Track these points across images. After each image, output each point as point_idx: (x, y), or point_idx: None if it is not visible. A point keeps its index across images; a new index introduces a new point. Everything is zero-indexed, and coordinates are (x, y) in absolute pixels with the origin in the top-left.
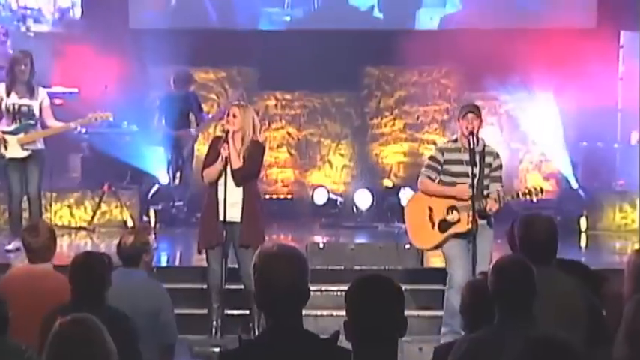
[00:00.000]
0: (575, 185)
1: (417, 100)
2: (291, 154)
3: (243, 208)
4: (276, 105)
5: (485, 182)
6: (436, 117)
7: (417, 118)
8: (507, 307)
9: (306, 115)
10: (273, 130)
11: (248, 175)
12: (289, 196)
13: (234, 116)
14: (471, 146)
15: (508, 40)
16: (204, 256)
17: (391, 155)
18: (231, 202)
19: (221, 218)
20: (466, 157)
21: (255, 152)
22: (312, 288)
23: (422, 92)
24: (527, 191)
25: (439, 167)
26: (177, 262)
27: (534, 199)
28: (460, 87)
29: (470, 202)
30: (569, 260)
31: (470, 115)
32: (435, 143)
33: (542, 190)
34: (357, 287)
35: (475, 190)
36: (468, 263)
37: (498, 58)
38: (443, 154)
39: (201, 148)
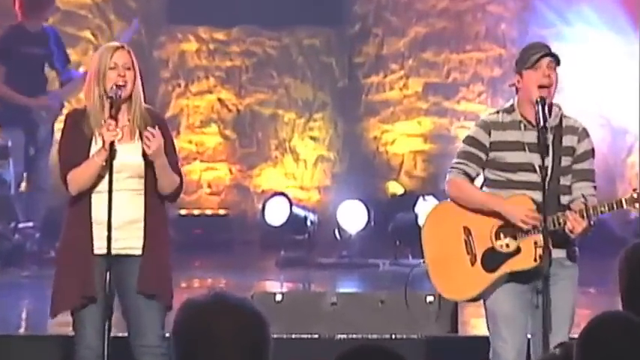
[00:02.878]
0: None
1: (446, 41)
2: (225, 138)
3: (146, 233)
4: (198, 51)
5: (565, 181)
6: (480, 71)
7: (447, 74)
8: None
9: (251, 69)
10: (193, 95)
11: (174, 184)
12: (223, 212)
13: (125, 71)
14: (541, 119)
15: None
16: (69, 318)
17: (401, 140)
18: (122, 223)
19: (101, 251)
20: (531, 137)
21: (167, 137)
22: None
23: (455, 28)
24: (637, 196)
25: (483, 156)
26: (21, 330)
27: None
28: (521, 18)
29: (534, 224)
30: None
31: (544, 62)
32: (478, 118)
33: None
34: None
35: (547, 195)
36: (533, 330)
37: None
38: (490, 133)
39: None
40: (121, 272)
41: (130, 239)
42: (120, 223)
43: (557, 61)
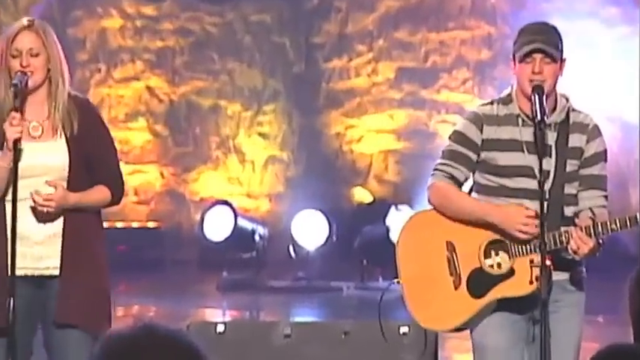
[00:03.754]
0: None
1: (424, 18)
2: (155, 135)
3: (66, 249)
4: (122, 29)
5: (570, 189)
6: (465, 54)
7: (425, 58)
8: None
9: (187, 50)
10: (116, 82)
11: (118, 189)
12: (152, 225)
13: (28, 58)
14: (539, 113)
15: None
16: None
17: (369, 137)
18: (45, 238)
19: (23, 271)
20: (530, 135)
21: (100, 131)
22: None
23: (435, 1)
24: None
25: (473, 156)
26: None
27: None
28: None
29: (535, 234)
30: None
31: (536, 56)
32: (462, 111)
33: None
34: None
35: (547, 206)
36: None
37: None
38: (482, 129)
39: None
40: (43, 298)
41: (45, 260)
42: (43, 237)
43: (555, 49)
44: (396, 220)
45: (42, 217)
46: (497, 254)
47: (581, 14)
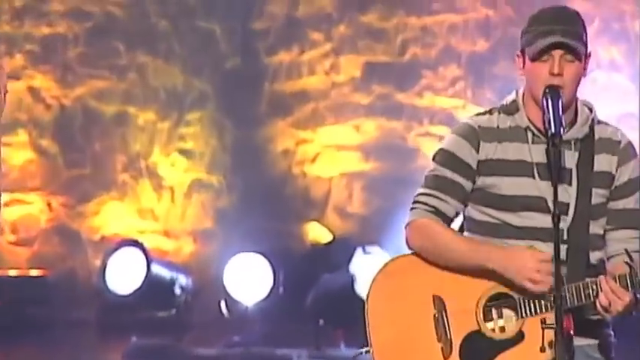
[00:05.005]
0: None
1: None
2: (41, 153)
3: None
4: None
5: (596, 228)
6: (456, 45)
7: (402, 49)
8: None
9: (83, 39)
10: None
11: None
12: (36, 273)
13: None
14: (553, 124)
15: None
16: None
17: (328, 155)
18: None
19: None
20: (541, 154)
21: None
22: None
23: None
24: None
25: (466, 183)
26: None
27: None
28: None
29: (549, 286)
30: None
31: (555, 54)
32: (452, 121)
33: None
34: None
35: (566, 250)
36: None
37: None
38: (478, 146)
39: None
40: None
41: None
42: None
43: (576, 54)
44: (364, 266)
45: None
46: (500, 313)
47: None
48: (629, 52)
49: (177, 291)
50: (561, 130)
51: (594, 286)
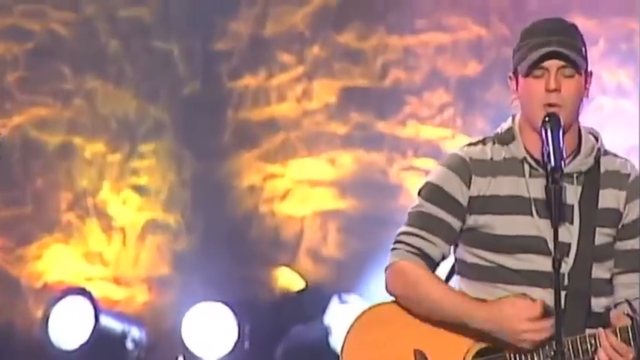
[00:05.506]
0: None
1: (379, 12)
2: None
3: None
4: None
5: (601, 272)
6: (443, 67)
7: (383, 73)
8: None
9: (23, 61)
10: None
11: None
12: None
13: None
14: (551, 154)
15: None
16: None
17: (300, 192)
18: None
19: None
20: (540, 189)
21: None
22: None
23: None
24: None
25: (455, 222)
26: None
27: None
28: None
29: (545, 340)
30: None
31: (551, 67)
32: (439, 153)
33: None
34: None
35: (565, 297)
36: None
37: None
38: (469, 180)
39: None
40: None
41: None
42: None
43: (575, 67)
44: (340, 317)
45: None
46: None
47: (612, 10)
48: (639, 75)
49: (130, 346)
50: (562, 163)
51: (592, 340)
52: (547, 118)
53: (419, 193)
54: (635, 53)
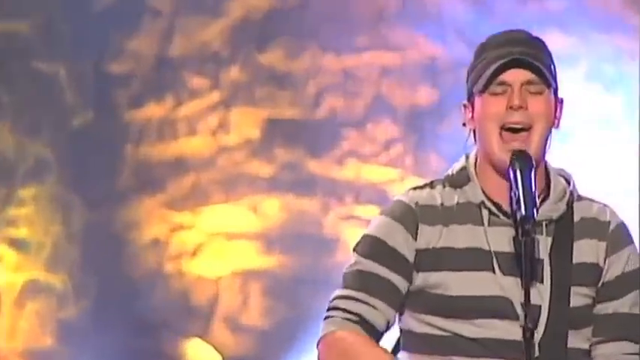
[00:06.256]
0: None
1: (313, 24)
2: None
3: None
4: None
5: (577, 341)
6: (388, 94)
7: (316, 101)
8: None
9: None
10: None
11: None
12: None
13: None
14: (521, 203)
15: None
16: None
17: (214, 247)
18: None
19: None
20: (502, 240)
21: None
22: None
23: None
24: None
25: (401, 282)
26: None
27: None
28: None
29: None
30: None
31: (513, 80)
32: (384, 199)
33: None
34: None
35: None
36: None
37: None
38: (416, 231)
39: None
40: None
41: None
42: None
43: (543, 80)
44: None
45: None
46: None
47: (595, 25)
48: (628, 104)
49: None
50: (535, 211)
51: None
52: (514, 157)
53: (354, 249)
54: (624, 77)
